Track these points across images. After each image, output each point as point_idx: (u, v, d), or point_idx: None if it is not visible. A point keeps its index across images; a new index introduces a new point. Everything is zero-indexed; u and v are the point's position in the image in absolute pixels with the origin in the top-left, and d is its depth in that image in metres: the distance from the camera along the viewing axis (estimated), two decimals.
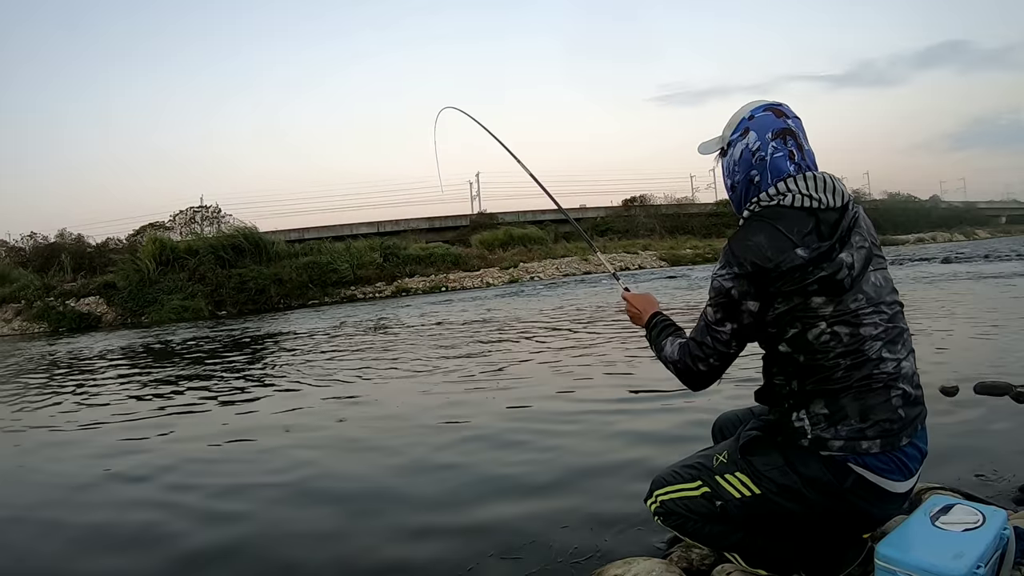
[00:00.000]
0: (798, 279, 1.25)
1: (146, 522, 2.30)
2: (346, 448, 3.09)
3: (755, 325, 1.33)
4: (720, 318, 1.34)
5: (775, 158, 1.35)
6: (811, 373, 1.29)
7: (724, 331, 1.35)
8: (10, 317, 17.52)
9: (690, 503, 1.45)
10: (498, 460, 2.68)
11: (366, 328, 9.16)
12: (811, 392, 1.29)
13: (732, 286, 1.30)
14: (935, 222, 35.23)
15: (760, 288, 1.28)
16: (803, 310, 1.27)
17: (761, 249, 1.26)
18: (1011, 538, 1.23)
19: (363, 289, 18.89)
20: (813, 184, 1.31)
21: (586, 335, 6.45)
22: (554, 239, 25.25)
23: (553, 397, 3.75)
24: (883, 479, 1.27)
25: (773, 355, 1.35)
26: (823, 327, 1.26)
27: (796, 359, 1.30)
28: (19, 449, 3.67)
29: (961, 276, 10.01)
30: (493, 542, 1.91)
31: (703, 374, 1.41)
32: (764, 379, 1.41)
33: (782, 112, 1.38)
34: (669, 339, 1.51)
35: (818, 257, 1.25)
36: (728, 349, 1.37)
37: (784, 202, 1.31)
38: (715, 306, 1.35)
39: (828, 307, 1.26)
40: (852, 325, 1.27)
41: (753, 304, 1.30)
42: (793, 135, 1.37)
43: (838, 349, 1.26)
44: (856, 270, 1.28)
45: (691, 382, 1.45)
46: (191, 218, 26.32)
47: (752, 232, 1.30)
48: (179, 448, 3.31)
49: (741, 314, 1.32)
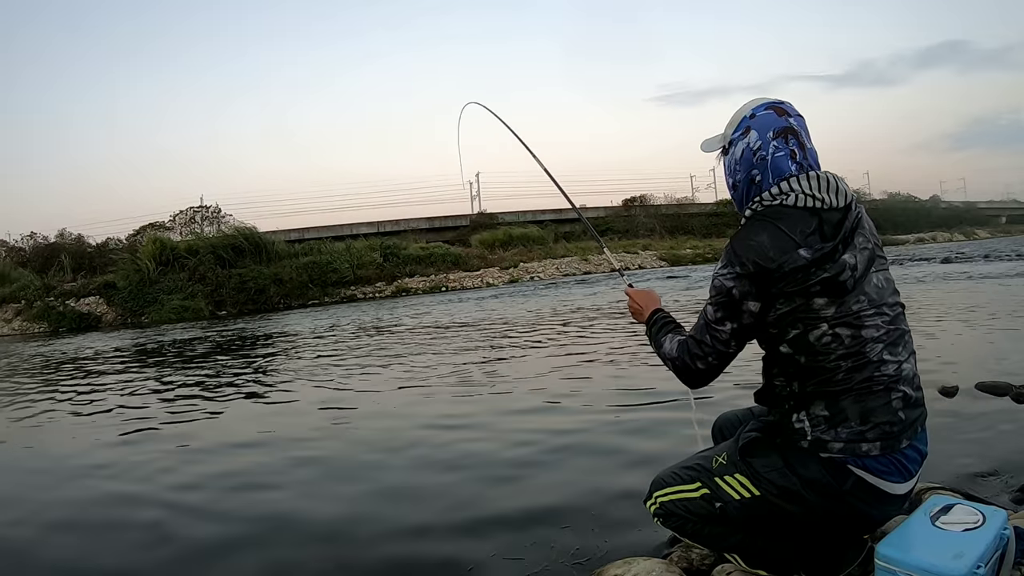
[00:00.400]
0: (800, 280, 1.24)
1: (151, 521, 2.31)
2: (346, 447, 3.09)
3: (755, 325, 1.33)
4: (720, 317, 1.34)
5: (776, 157, 1.34)
6: (812, 375, 1.28)
7: (724, 330, 1.34)
8: (10, 317, 17.52)
9: (689, 504, 1.44)
10: (499, 460, 2.68)
11: (366, 328, 9.15)
12: (812, 394, 1.29)
13: (733, 285, 1.30)
14: (935, 222, 35.25)
15: (762, 288, 1.28)
16: (805, 311, 1.26)
17: (764, 249, 1.26)
18: (1011, 538, 1.23)
19: (363, 289, 18.89)
20: (816, 184, 1.30)
21: (588, 335, 6.45)
22: (554, 239, 25.25)
23: (554, 397, 3.75)
24: (883, 481, 1.27)
25: (774, 356, 1.35)
26: (825, 328, 1.26)
27: (797, 360, 1.29)
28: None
29: (961, 276, 10.01)
30: (494, 542, 1.91)
31: (701, 372, 1.41)
32: (764, 380, 1.41)
33: (784, 111, 1.38)
34: (669, 336, 1.51)
35: (821, 258, 1.24)
36: (727, 348, 1.36)
37: (787, 202, 1.30)
38: (715, 305, 1.34)
39: (830, 308, 1.26)
40: (854, 327, 1.26)
41: (754, 304, 1.30)
42: (795, 134, 1.36)
43: (839, 351, 1.26)
44: (859, 271, 1.27)
45: (689, 380, 1.45)
46: (191, 218, 26.33)
47: (754, 232, 1.30)
48: (181, 447, 3.32)
49: (742, 314, 1.31)
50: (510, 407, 3.59)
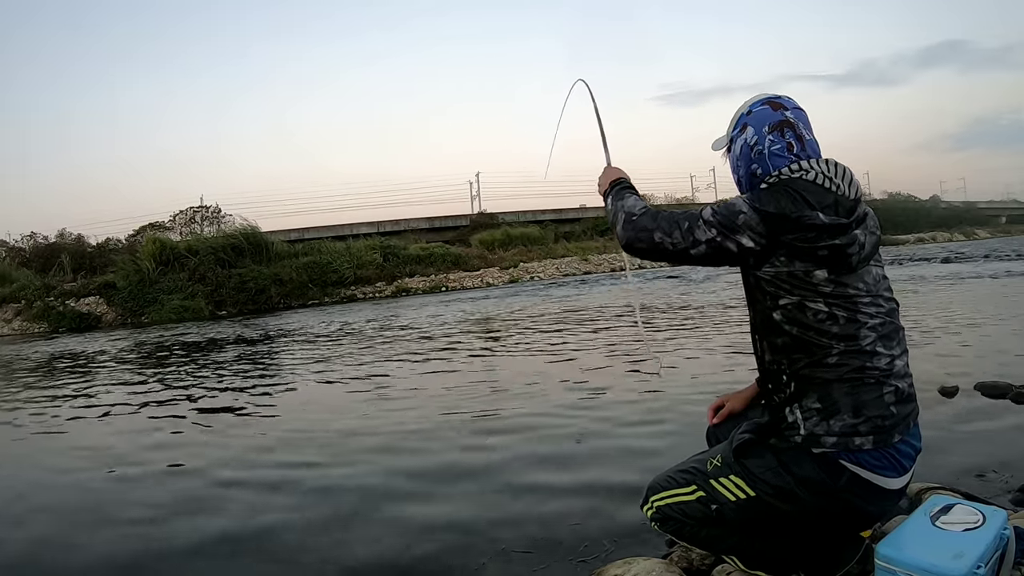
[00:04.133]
0: (812, 239, 1.24)
1: (152, 516, 2.31)
2: (347, 447, 3.09)
3: (730, 256, 1.31)
4: (712, 222, 1.31)
5: (772, 151, 1.37)
6: (804, 350, 1.28)
7: (707, 235, 1.31)
8: (10, 317, 17.51)
9: (686, 507, 1.44)
10: (499, 459, 2.68)
11: (365, 328, 9.15)
12: (804, 377, 1.29)
13: (745, 212, 1.28)
14: (935, 222, 35.21)
15: (770, 232, 1.26)
16: (803, 281, 1.26)
17: (785, 202, 1.27)
18: (1011, 538, 1.22)
19: (363, 289, 18.87)
20: (834, 170, 1.33)
21: (590, 334, 6.45)
22: (554, 239, 25.25)
23: (554, 396, 3.75)
24: (877, 476, 1.27)
25: (767, 326, 1.33)
26: (821, 304, 1.26)
27: (790, 332, 1.29)
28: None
29: (961, 276, 10.01)
30: (495, 542, 1.92)
31: (653, 243, 1.37)
32: (759, 362, 1.40)
33: (780, 104, 1.40)
34: (635, 198, 1.48)
35: (836, 226, 1.25)
36: (694, 247, 1.32)
37: (807, 176, 1.31)
38: (716, 213, 1.31)
39: (828, 286, 1.26)
40: (849, 309, 1.27)
41: (749, 240, 1.28)
42: (792, 126, 1.38)
43: (833, 329, 1.26)
44: (865, 252, 1.29)
45: (634, 239, 1.40)
46: (191, 218, 26.32)
47: (774, 191, 1.31)
48: (184, 447, 3.31)
49: (732, 236, 1.28)
50: (511, 407, 3.59)
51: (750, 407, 1.62)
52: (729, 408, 1.67)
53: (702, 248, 1.31)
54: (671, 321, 6.92)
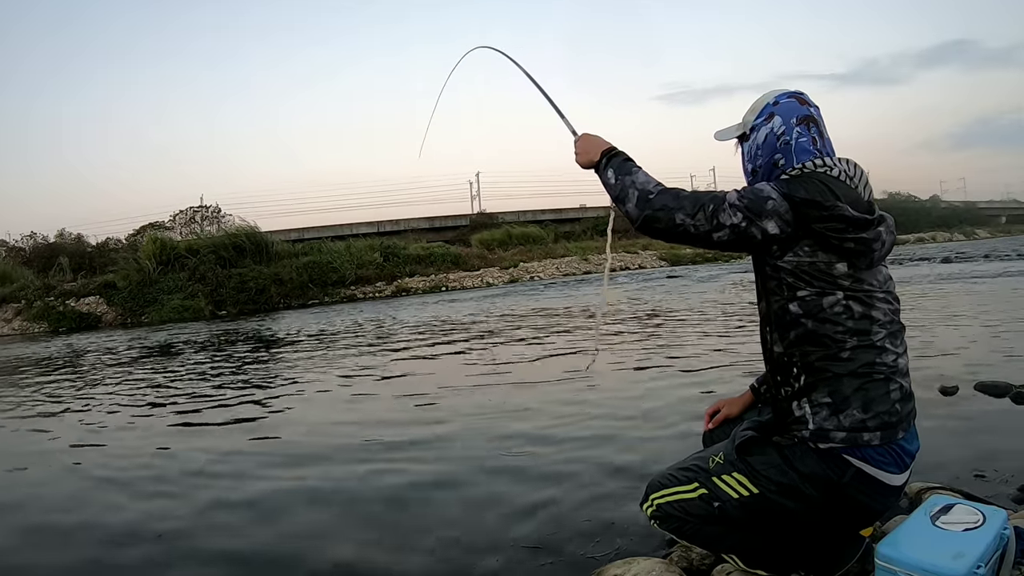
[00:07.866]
0: (841, 230, 1.24)
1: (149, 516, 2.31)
2: (346, 447, 3.09)
3: (752, 244, 1.28)
4: (739, 206, 1.27)
5: (800, 142, 1.37)
6: (818, 343, 1.28)
7: (732, 219, 1.27)
8: (10, 317, 17.50)
9: (687, 505, 1.44)
10: (499, 459, 2.68)
11: (366, 328, 9.15)
12: (817, 369, 1.28)
13: (775, 198, 1.26)
14: (935, 222, 35.19)
15: (798, 221, 1.25)
16: (825, 272, 1.26)
17: (812, 191, 1.26)
18: (1011, 538, 1.23)
19: (363, 289, 18.86)
20: (852, 169, 1.35)
21: (591, 333, 6.45)
22: (554, 239, 25.23)
23: (554, 396, 3.75)
24: (881, 471, 1.27)
25: (780, 318, 1.32)
26: (840, 296, 1.27)
27: (805, 324, 1.29)
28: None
29: (961, 276, 10.01)
30: (494, 542, 1.91)
31: (672, 226, 1.30)
32: (768, 356, 1.38)
33: (805, 100, 1.42)
34: (644, 172, 1.40)
35: (862, 221, 1.25)
36: (715, 232, 1.27)
37: (831, 173, 1.32)
38: (742, 197, 1.28)
39: (847, 279, 1.27)
40: (865, 304, 1.28)
41: (775, 227, 1.25)
42: (816, 122, 1.40)
43: (848, 323, 1.27)
44: (884, 249, 1.31)
45: (649, 219, 1.32)
46: (191, 218, 26.32)
47: (801, 181, 1.30)
48: (184, 446, 3.32)
49: (758, 222, 1.25)
50: (511, 407, 3.59)
51: (746, 413, 1.63)
52: (725, 413, 1.67)
53: (725, 233, 1.28)
54: (685, 323, 6.91)
